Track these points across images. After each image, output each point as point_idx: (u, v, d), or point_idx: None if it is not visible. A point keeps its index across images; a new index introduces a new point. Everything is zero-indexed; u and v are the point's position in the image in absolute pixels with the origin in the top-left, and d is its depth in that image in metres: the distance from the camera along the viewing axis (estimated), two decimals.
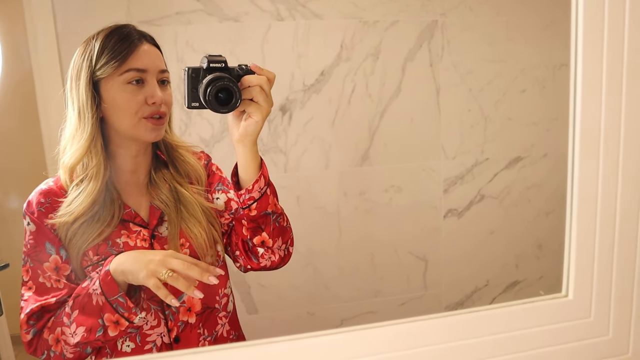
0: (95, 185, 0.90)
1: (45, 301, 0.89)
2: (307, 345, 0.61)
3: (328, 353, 0.61)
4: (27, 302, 0.89)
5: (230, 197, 1.04)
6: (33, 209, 0.90)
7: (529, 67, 1.93)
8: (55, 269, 0.90)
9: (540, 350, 0.62)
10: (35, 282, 0.90)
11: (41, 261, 0.90)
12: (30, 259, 0.91)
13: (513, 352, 0.62)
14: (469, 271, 2.00)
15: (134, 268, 0.84)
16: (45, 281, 0.90)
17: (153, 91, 0.91)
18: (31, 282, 0.90)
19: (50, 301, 0.89)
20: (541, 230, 2.02)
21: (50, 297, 0.89)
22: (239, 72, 0.89)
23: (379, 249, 1.91)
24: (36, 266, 0.90)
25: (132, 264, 0.84)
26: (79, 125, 0.90)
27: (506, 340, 0.62)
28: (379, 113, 1.84)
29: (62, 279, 0.90)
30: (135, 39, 0.92)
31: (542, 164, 1.99)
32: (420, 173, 1.92)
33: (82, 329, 0.85)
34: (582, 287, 0.62)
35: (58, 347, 0.88)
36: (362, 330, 0.61)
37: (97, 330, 0.85)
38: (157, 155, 1.02)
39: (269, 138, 1.76)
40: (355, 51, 1.79)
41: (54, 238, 0.90)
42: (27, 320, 0.89)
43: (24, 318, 0.89)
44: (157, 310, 0.94)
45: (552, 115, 1.95)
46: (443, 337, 0.61)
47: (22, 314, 0.89)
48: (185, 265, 0.83)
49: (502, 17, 1.89)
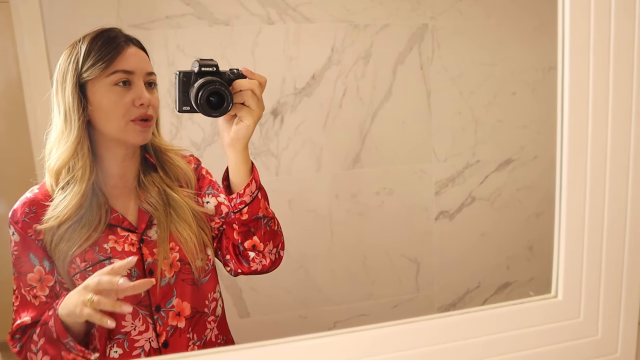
0: (80, 188, 0.89)
1: (21, 321, 0.89)
2: (298, 347, 0.61)
3: (320, 355, 0.60)
4: (15, 313, 0.90)
5: (220, 201, 1.03)
6: (17, 219, 0.90)
7: (519, 70, 1.94)
8: (40, 280, 0.90)
9: (530, 351, 0.63)
10: (19, 294, 0.91)
11: (25, 272, 0.90)
12: (15, 269, 0.90)
13: (504, 353, 0.62)
14: (461, 273, 2.00)
15: (70, 307, 0.81)
16: (25, 294, 0.90)
17: (140, 93, 0.91)
18: (17, 292, 0.91)
19: (25, 321, 0.89)
20: (532, 231, 2.03)
21: (26, 316, 0.89)
22: (231, 76, 0.89)
23: (371, 252, 1.91)
24: (19, 277, 0.90)
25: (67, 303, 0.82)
26: (65, 128, 0.90)
27: (497, 341, 0.62)
28: (370, 116, 1.84)
29: (46, 290, 0.90)
30: (121, 41, 0.92)
31: (532, 166, 2.00)
32: (412, 176, 1.92)
33: (47, 358, 0.85)
34: (571, 288, 0.63)
35: None
36: (354, 333, 0.61)
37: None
38: (146, 158, 1.01)
39: (261, 141, 1.76)
40: (346, 54, 1.79)
41: (37, 249, 0.89)
42: (12, 338, 0.90)
43: (8, 335, 0.90)
44: (146, 315, 0.93)
45: (542, 118, 1.96)
46: (435, 339, 0.61)
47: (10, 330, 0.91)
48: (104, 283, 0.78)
49: (491, 20, 1.90)
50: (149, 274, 0.93)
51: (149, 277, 0.93)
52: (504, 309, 0.62)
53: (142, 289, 0.81)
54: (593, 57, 0.61)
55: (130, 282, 0.78)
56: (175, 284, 0.95)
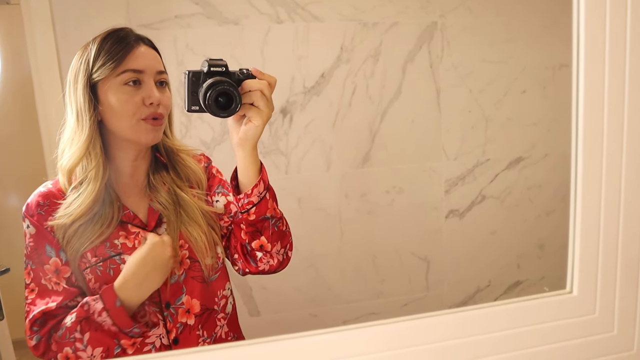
0: (94, 187, 0.89)
1: (46, 307, 0.88)
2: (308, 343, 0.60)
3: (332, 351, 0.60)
4: (32, 305, 0.89)
5: (229, 200, 1.03)
6: (32, 212, 0.90)
7: (530, 68, 1.93)
8: (56, 272, 0.90)
9: (544, 347, 0.62)
10: (38, 284, 0.90)
11: (42, 263, 0.90)
12: (32, 261, 0.90)
13: (518, 349, 0.62)
14: (471, 272, 1.99)
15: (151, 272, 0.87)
16: (47, 283, 0.90)
17: (150, 92, 0.91)
18: (33, 284, 0.90)
19: (51, 306, 0.88)
20: (543, 230, 2.01)
21: (51, 302, 0.89)
22: (240, 77, 0.89)
23: (381, 251, 1.91)
24: (37, 268, 0.90)
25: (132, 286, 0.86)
26: (77, 127, 0.90)
27: (511, 337, 0.61)
28: (379, 115, 1.84)
29: (63, 282, 0.90)
30: (131, 40, 0.92)
31: (543, 164, 1.99)
32: (422, 174, 1.91)
33: (100, 350, 0.86)
34: (586, 283, 0.62)
35: None
36: (366, 328, 0.61)
37: (114, 349, 0.86)
38: (157, 158, 1.01)
39: (270, 140, 1.76)
40: (355, 53, 1.79)
41: (53, 240, 0.90)
42: (31, 327, 0.88)
43: (27, 324, 0.88)
44: (156, 312, 0.93)
45: (552, 116, 1.95)
46: (447, 335, 0.61)
47: (26, 320, 0.89)
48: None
49: (501, 17, 1.89)
50: None
51: None
52: (518, 305, 0.62)
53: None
54: (608, 53, 0.60)
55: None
56: (184, 281, 0.95)
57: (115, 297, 0.84)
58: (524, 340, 0.62)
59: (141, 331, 0.87)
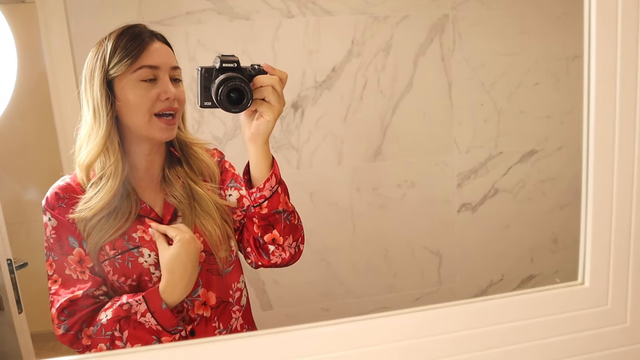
0: (114, 183, 0.91)
1: (73, 294, 0.90)
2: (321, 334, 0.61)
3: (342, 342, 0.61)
4: (56, 295, 0.91)
5: (242, 194, 1.04)
6: (53, 205, 0.92)
7: (542, 60, 1.91)
8: (80, 262, 0.92)
9: (556, 338, 0.62)
10: (61, 275, 0.91)
11: (65, 254, 0.91)
12: (54, 252, 0.92)
13: (530, 340, 0.62)
14: (484, 266, 1.98)
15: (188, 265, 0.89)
16: (71, 273, 0.91)
17: (166, 87, 0.92)
18: (56, 275, 0.92)
19: (77, 294, 0.90)
20: (556, 223, 2.00)
21: (77, 290, 0.90)
22: (251, 72, 0.90)
23: (393, 245, 1.91)
24: (61, 259, 0.91)
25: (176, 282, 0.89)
26: (95, 124, 0.91)
27: (522, 328, 0.61)
28: (391, 108, 1.84)
29: (87, 271, 0.92)
30: (146, 37, 0.93)
31: (556, 156, 1.97)
32: (434, 168, 1.91)
33: (139, 344, 0.88)
34: (598, 275, 0.62)
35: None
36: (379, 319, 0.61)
37: (153, 343, 0.89)
38: (171, 152, 1.03)
39: (282, 135, 1.77)
40: (366, 47, 1.78)
41: (75, 231, 0.91)
42: (59, 316, 0.90)
43: (55, 313, 0.90)
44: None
45: (566, 108, 1.93)
46: (460, 325, 0.61)
47: (53, 309, 0.91)
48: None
49: (513, 9, 1.87)
50: None
51: None
52: (530, 296, 0.62)
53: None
54: (620, 44, 0.60)
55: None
56: (200, 274, 0.96)
57: (160, 301, 0.87)
58: (536, 331, 0.62)
59: (184, 328, 0.90)
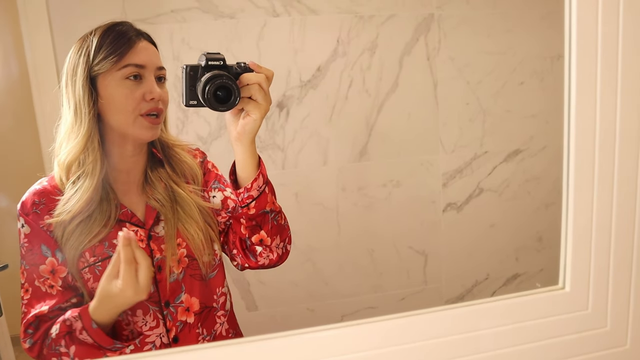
0: (91, 182, 0.89)
1: (39, 310, 0.88)
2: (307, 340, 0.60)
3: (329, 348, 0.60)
4: (28, 306, 0.89)
5: (226, 195, 1.03)
6: (28, 210, 0.89)
7: (527, 59, 1.92)
8: (52, 272, 0.89)
9: (538, 343, 0.62)
10: (31, 285, 0.90)
11: (37, 264, 0.89)
12: (26, 261, 0.90)
13: (511, 345, 0.62)
14: (469, 265, 1.99)
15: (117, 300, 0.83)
16: (40, 285, 0.89)
17: (151, 87, 0.91)
18: (27, 285, 0.90)
19: (43, 310, 0.88)
20: (541, 222, 2.01)
21: (45, 305, 0.88)
22: (238, 70, 0.88)
23: (379, 244, 1.91)
24: (31, 269, 0.89)
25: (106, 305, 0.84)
26: (75, 122, 0.89)
27: (504, 333, 0.61)
28: (376, 108, 1.83)
29: (58, 282, 0.89)
30: (133, 35, 0.92)
31: (541, 156, 1.99)
32: (419, 167, 1.91)
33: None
34: (579, 280, 0.62)
35: None
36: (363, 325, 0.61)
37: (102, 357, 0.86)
38: (153, 153, 1.01)
39: (267, 135, 1.76)
40: (351, 46, 1.78)
41: (49, 240, 0.89)
42: (25, 330, 0.88)
43: (22, 327, 0.89)
44: (156, 311, 0.93)
45: (551, 107, 1.95)
46: (442, 331, 0.61)
47: (22, 322, 0.89)
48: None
49: (498, 9, 1.88)
50: (157, 270, 0.93)
51: (158, 274, 0.93)
52: (511, 301, 0.61)
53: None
54: (601, 44, 0.60)
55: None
56: (183, 279, 0.95)
57: (90, 320, 0.84)
58: (517, 336, 0.62)
59: (124, 345, 0.87)
